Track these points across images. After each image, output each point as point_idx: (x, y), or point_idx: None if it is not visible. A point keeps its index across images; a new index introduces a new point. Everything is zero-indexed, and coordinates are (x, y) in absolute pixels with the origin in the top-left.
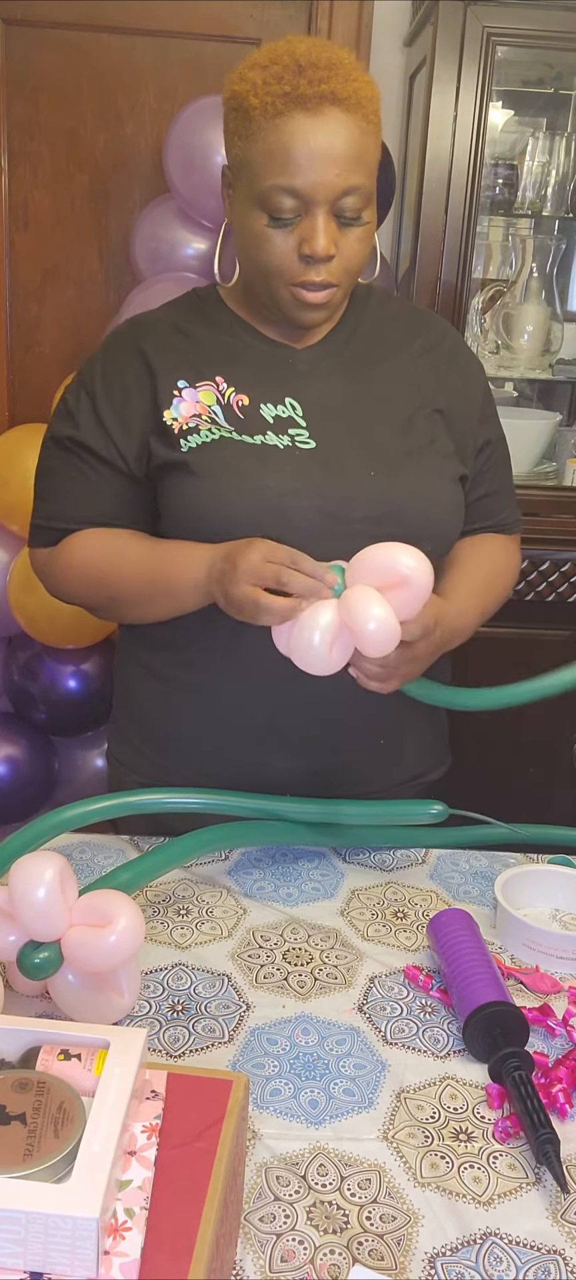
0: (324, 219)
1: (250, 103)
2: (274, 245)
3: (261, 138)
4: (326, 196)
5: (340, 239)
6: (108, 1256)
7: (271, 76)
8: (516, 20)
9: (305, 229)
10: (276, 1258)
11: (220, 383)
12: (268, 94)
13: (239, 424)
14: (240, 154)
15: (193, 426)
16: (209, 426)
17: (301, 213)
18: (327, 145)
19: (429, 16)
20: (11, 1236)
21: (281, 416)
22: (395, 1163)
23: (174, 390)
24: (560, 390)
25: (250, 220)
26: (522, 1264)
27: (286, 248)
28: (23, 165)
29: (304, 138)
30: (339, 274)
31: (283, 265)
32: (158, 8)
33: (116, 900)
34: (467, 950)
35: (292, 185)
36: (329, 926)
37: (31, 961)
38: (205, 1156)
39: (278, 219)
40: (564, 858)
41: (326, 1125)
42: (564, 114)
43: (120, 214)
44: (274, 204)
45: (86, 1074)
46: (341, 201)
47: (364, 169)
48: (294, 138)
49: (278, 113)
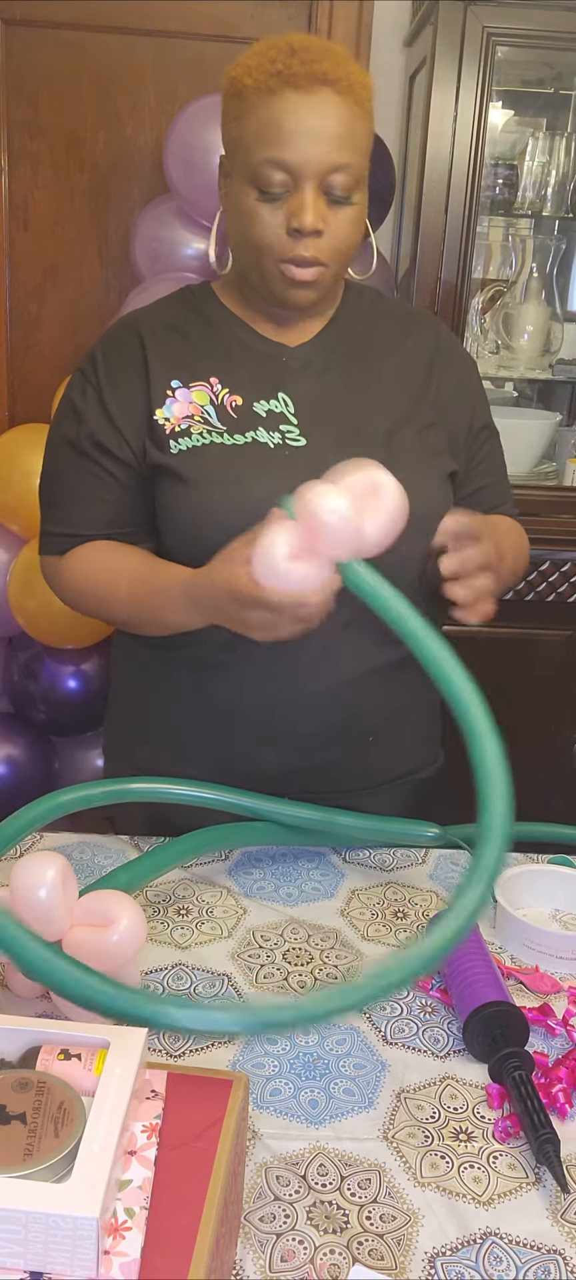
0: (312, 194)
1: (244, 83)
2: (263, 220)
3: (254, 115)
4: (314, 171)
5: (329, 216)
6: (108, 1256)
7: (266, 59)
8: (516, 20)
9: (293, 204)
10: (276, 1257)
11: (215, 384)
12: (261, 73)
13: (231, 423)
14: (235, 134)
15: (184, 429)
16: (200, 429)
17: (291, 188)
18: (317, 122)
19: (429, 16)
20: (11, 1236)
21: (274, 412)
22: (395, 1162)
23: (167, 390)
24: (560, 390)
25: (242, 197)
26: (522, 1264)
27: (275, 223)
28: (23, 165)
29: (294, 113)
30: (328, 253)
31: (272, 241)
32: (158, 8)
33: (117, 900)
34: (467, 950)
35: (282, 158)
36: (329, 926)
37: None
38: (205, 1156)
39: (267, 193)
40: (563, 858)
41: (326, 1125)
42: (564, 114)
43: (120, 214)
44: (263, 178)
45: (86, 1074)
46: (330, 178)
47: (353, 149)
48: (285, 113)
49: (270, 90)
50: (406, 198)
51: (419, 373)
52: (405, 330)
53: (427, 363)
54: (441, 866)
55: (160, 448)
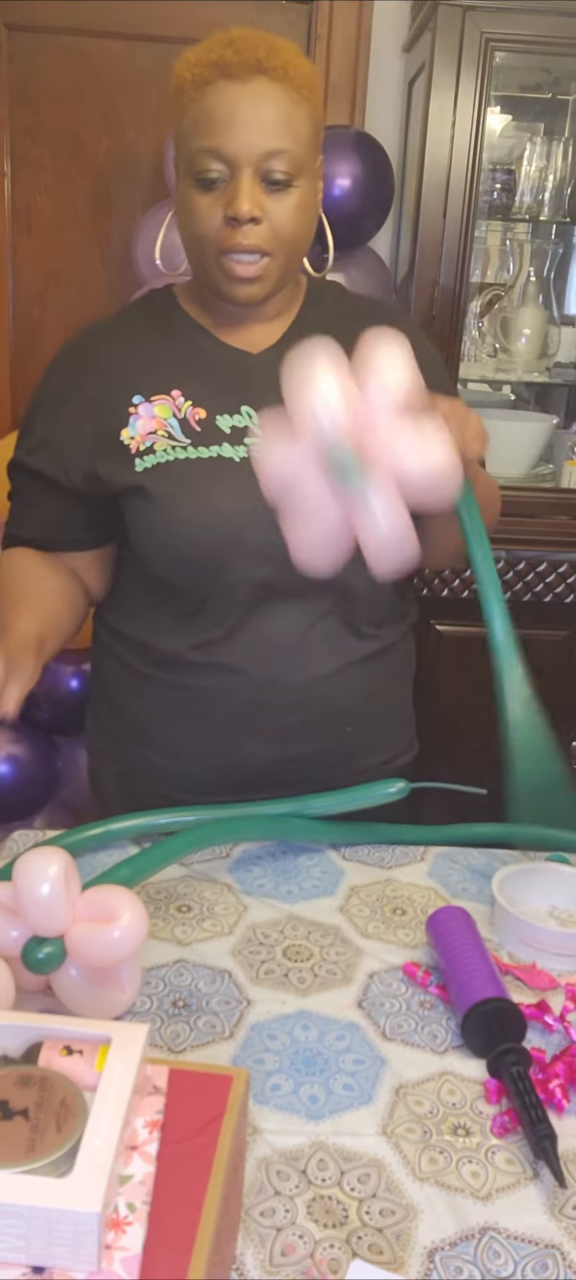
0: (248, 181)
1: (184, 77)
2: (201, 211)
3: (191, 107)
4: (248, 158)
5: (268, 204)
6: (109, 1251)
7: (203, 52)
8: (514, 26)
9: (230, 192)
10: (277, 1252)
11: (177, 396)
12: (198, 66)
13: (195, 436)
14: (176, 130)
15: (148, 446)
16: (165, 445)
17: (227, 178)
18: (251, 109)
19: (428, 22)
20: (14, 1231)
21: (238, 426)
22: (394, 1157)
23: (129, 408)
24: (557, 393)
25: (183, 190)
26: (520, 1258)
27: (213, 213)
28: (25, 170)
29: (228, 101)
30: (269, 240)
31: (210, 231)
32: (159, 13)
33: (120, 896)
34: (465, 947)
35: (216, 145)
36: (328, 923)
37: (35, 957)
38: (206, 1151)
39: (203, 181)
40: (560, 855)
41: (326, 1120)
42: (561, 119)
43: (122, 219)
44: (200, 167)
45: (88, 1069)
46: (267, 164)
47: (290, 135)
48: (218, 101)
49: (205, 81)
50: (405, 202)
51: None
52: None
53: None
54: (440, 865)
55: (126, 467)
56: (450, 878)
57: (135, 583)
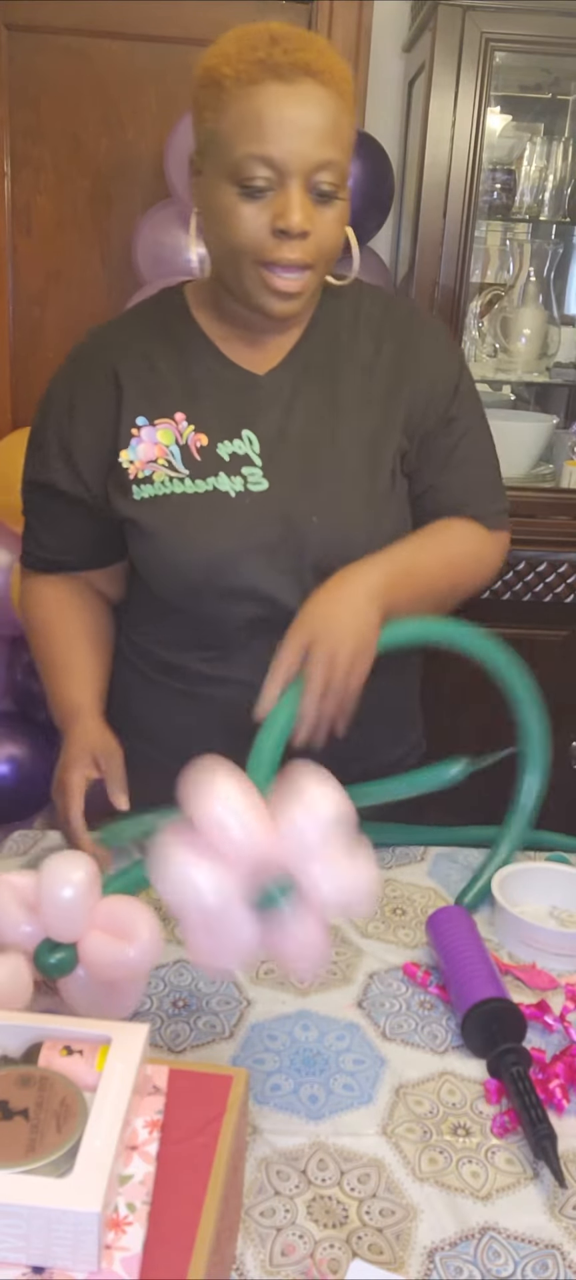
0: (299, 191)
1: (223, 72)
2: (245, 220)
3: (234, 107)
4: (301, 167)
5: (315, 216)
6: (109, 1251)
7: (245, 46)
8: (514, 26)
9: (279, 203)
10: (277, 1252)
11: (180, 421)
12: (241, 62)
13: (194, 467)
14: (212, 127)
15: (147, 475)
16: (163, 476)
17: (274, 185)
18: (303, 115)
19: (428, 22)
20: (14, 1231)
21: (237, 454)
22: (394, 1157)
23: (132, 429)
24: (557, 393)
25: (220, 195)
26: (520, 1258)
27: (258, 223)
28: (25, 170)
29: (278, 105)
30: (313, 254)
31: (254, 242)
32: (159, 13)
33: (138, 912)
34: (465, 947)
35: (266, 153)
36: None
37: (47, 960)
38: (206, 1151)
39: (249, 189)
40: (560, 855)
41: (326, 1120)
42: (561, 119)
43: (122, 219)
44: (246, 174)
45: (88, 1069)
46: (316, 175)
47: (339, 144)
48: (268, 104)
49: (252, 80)
50: (405, 202)
51: (391, 388)
52: (382, 336)
53: (399, 375)
54: (440, 864)
55: (124, 493)
56: (450, 878)
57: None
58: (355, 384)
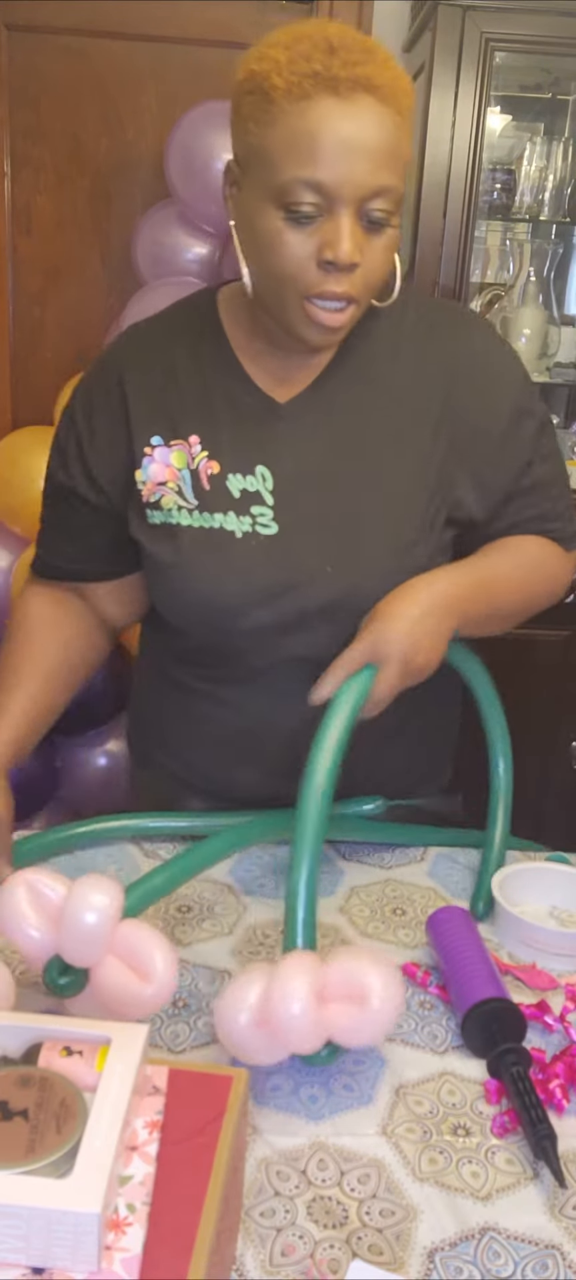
0: (350, 221)
1: (272, 82)
2: (290, 248)
3: (284, 122)
4: (354, 195)
5: (365, 246)
6: (109, 1251)
7: (298, 55)
8: (514, 26)
9: (328, 231)
10: (277, 1253)
11: (194, 444)
12: (294, 73)
13: (203, 499)
14: (256, 141)
15: (156, 499)
16: (172, 503)
17: (323, 212)
18: (359, 136)
19: (427, 22)
20: (14, 1232)
21: (248, 491)
22: (394, 1158)
23: (146, 448)
24: (557, 393)
25: (263, 218)
26: (520, 1259)
27: (304, 252)
28: (25, 170)
29: (333, 125)
30: (360, 288)
31: (298, 272)
32: (158, 13)
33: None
34: (465, 947)
35: (317, 178)
36: (328, 923)
37: (56, 980)
38: (206, 1152)
39: (296, 216)
40: (561, 855)
41: (326, 1121)
42: (561, 119)
43: (122, 218)
44: (294, 199)
45: (88, 1070)
46: (370, 203)
47: (396, 169)
48: (322, 124)
49: (304, 95)
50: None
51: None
52: (422, 360)
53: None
54: (439, 864)
55: (138, 512)
56: (450, 878)
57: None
58: (385, 424)
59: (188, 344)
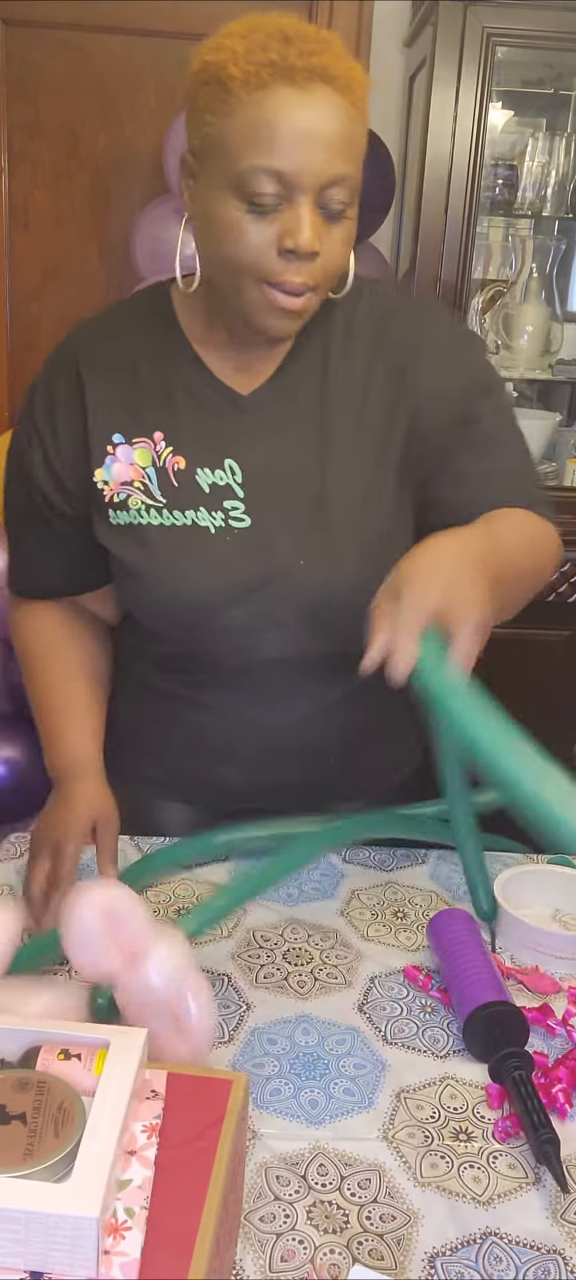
0: (310, 209)
1: (229, 72)
2: (249, 237)
3: (241, 112)
4: (313, 183)
5: (324, 235)
6: (108, 1256)
7: (255, 44)
8: (516, 21)
9: (288, 220)
10: (276, 1257)
11: (158, 440)
12: (251, 63)
13: (171, 495)
14: (214, 132)
15: (122, 499)
16: (139, 503)
17: (283, 201)
18: (317, 125)
19: (429, 17)
20: (12, 1236)
21: (218, 485)
22: (395, 1162)
23: (108, 446)
24: (560, 390)
25: (221, 208)
26: (522, 1264)
27: (264, 241)
28: (23, 166)
29: (291, 114)
30: (319, 275)
31: (258, 260)
32: (157, 9)
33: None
34: (467, 950)
35: (276, 167)
36: (329, 926)
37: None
38: (205, 1156)
39: (256, 205)
40: (563, 858)
41: (326, 1125)
42: (563, 114)
43: (120, 214)
44: (252, 187)
45: (86, 1074)
46: (328, 192)
47: (352, 158)
48: (279, 113)
49: (262, 84)
50: (406, 198)
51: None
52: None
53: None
54: (441, 867)
55: (101, 515)
56: (451, 880)
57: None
58: (346, 414)
59: (144, 338)
